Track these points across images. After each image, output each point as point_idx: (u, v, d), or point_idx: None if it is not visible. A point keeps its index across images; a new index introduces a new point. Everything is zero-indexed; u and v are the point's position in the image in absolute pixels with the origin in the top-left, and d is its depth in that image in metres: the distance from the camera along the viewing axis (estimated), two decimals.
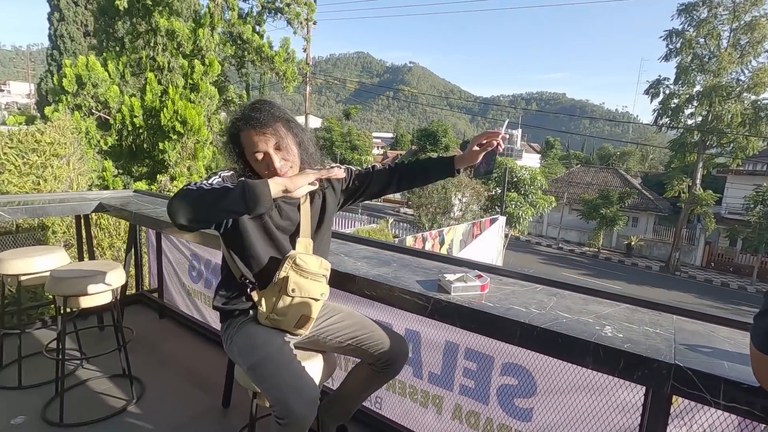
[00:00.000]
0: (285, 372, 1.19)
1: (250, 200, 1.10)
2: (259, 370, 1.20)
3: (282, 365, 1.21)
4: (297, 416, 1.12)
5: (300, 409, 1.13)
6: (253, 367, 1.22)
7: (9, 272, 2.29)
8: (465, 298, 1.36)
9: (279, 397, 1.14)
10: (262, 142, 1.26)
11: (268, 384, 1.18)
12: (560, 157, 54.42)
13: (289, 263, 1.30)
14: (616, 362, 1.05)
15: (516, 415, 1.71)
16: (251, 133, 1.26)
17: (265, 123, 1.26)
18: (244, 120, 1.28)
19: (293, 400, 1.13)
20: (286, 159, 1.29)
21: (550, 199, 16.64)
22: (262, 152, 1.26)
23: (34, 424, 2.06)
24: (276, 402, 1.14)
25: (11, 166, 3.64)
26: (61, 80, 4.92)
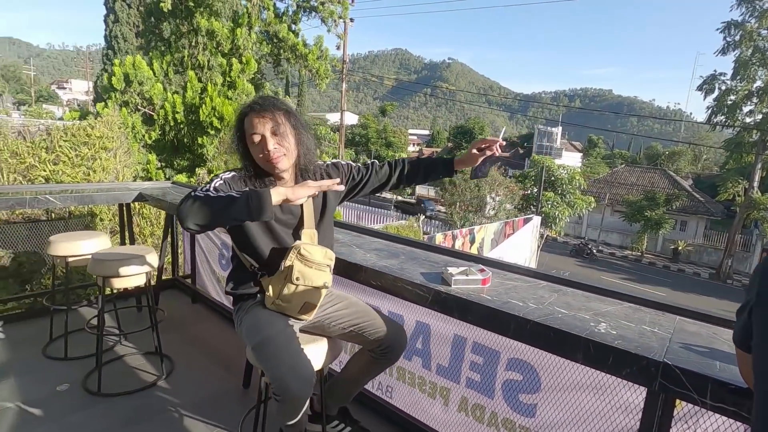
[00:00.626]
0: (284, 352, 1.26)
1: (254, 210, 1.16)
2: (261, 349, 1.29)
3: (281, 346, 1.28)
4: (292, 394, 1.20)
5: (295, 388, 1.20)
6: (256, 347, 1.31)
7: (58, 254, 2.52)
8: (465, 291, 1.39)
9: (277, 375, 1.22)
10: (260, 125, 1.34)
11: (269, 363, 1.26)
12: (604, 156, 52.17)
13: (294, 253, 1.37)
14: (606, 358, 1.06)
15: (520, 410, 1.72)
16: (252, 115, 1.35)
17: (266, 108, 1.35)
18: (249, 106, 1.38)
19: (289, 378, 1.21)
20: (280, 144, 1.36)
21: (589, 200, 16.03)
22: (259, 134, 1.34)
23: (76, 391, 2.27)
24: (274, 379, 1.23)
25: (65, 157, 3.96)
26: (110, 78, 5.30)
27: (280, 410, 1.27)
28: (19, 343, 2.73)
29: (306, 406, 1.32)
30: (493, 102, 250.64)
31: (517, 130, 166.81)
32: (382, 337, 1.43)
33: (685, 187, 26.44)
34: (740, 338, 0.77)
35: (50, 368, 2.49)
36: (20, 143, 3.76)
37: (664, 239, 23.82)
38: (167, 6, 5.55)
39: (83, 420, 2.05)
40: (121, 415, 2.10)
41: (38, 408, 2.12)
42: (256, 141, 1.35)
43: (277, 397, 1.22)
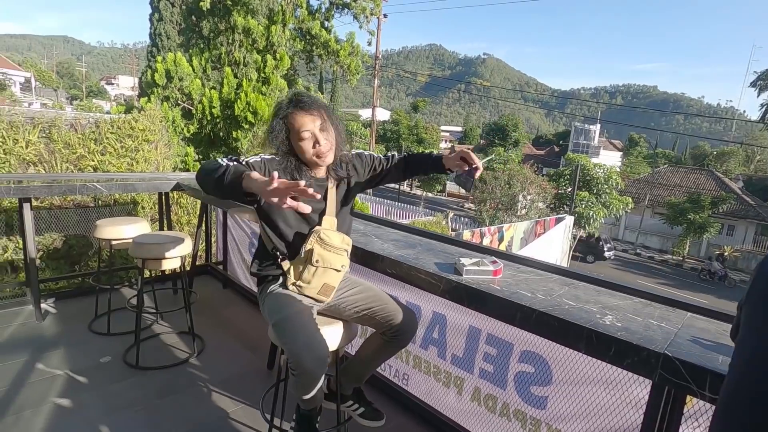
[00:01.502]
0: (301, 331, 1.35)
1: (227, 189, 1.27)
2: (280, 326, 1.38)
3: (299, 325, 1.37)
4: (307, 370, 1.29)
5: (309, 364, 1.29)
6: (275, 324, 1.41)
7: (103, 237, 2.73)
8: (475, 281, 1.43)
9: (293, 350, 1.31)
10: (309, 122, 1.41)
11: (286, 339, 1.35)
12: (645, 155, 49.91)
13: (314, 237, 1.47)
14: (607, 348, 1.08)
15: (531, 402, 1.74)
16: (300, 113, 1.41)
17: (312, 106, 1.43)
18: (294, 103, 1.43)
19: (304, 355, 1.29)
20: (327, 140, 1.44)
21: (627, 200, 15.42)
22: (309, 131, 1.41)
23: (117, 363, 2.47)
24: (291, 355, 1.32)
25: (111, 148, 4.23)
26: (153, 74, 5.61)
27: (296, 384, 1.36)
28: (69, 318, 2.98)
29: (322, 384, 1.41)
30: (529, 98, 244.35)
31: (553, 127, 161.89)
32: (394, 321, 1.50)
33: (734, 189, 24.96)
34: (734, 334, 0.79)
35: (95, 342, 2.71)
36: (72, 135, 4.06)
37: (709, 244, 22.61)
38: (206, 5, 5.81)
39: (122, 390, 2.23)
40: (155, 387, 2.27)
41: (84, 376, 2.32)
42: (305, 137, 1.41)
43: (293, 372, 1.31)
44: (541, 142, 49.91)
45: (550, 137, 55.00)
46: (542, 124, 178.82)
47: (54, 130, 3.96)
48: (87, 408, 2.07)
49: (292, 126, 1.43)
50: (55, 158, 3.98)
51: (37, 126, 3.88)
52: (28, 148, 3.84)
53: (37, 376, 2.30)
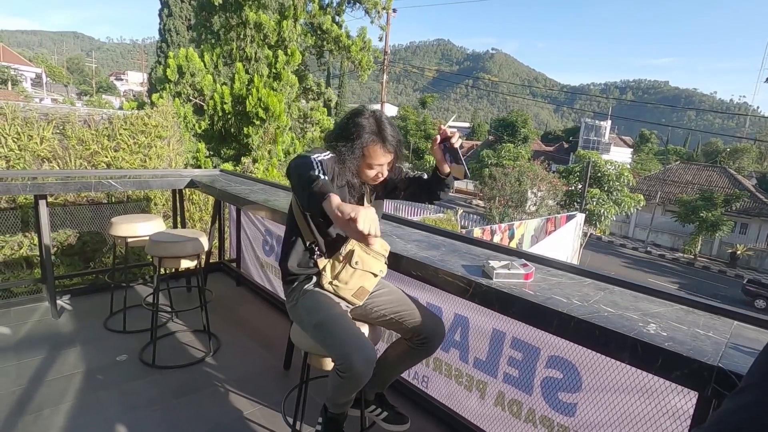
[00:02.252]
0: (349, 331, 1.34)
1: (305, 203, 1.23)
2: (325, 327, 1.36)
3: (346, 326, 1.36)
4: (357, 371, 1.27)
5: (360, 366, 1.27)
6: (319, 325, 1.37)
7: (119, 234, 2.71)
8: (506, 285, 1.38)
9: (343, 352, 1.29)
10: (384, 158, 1.42)
11: (334, 340, 1.33)
12: (656, 152, 49.30)
13: None
14: (654, 359, 1.02)
15: (559, 408, 1.69)
16: (381, 148, 1.39)
17: (393, 144, 1.41)
18: (379, 134, 1.38)
19: (355, 356, 1.27)
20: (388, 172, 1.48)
21: (638, 198, 15.20)
22: (381, 165, 1.42)
23: (133, 362, 2.45)
24: (340, 357, 1.29)
25: (125, 144, 4.22)
26: (165, 70, 5.59)
27: (342, 387, 1.33)
28: (84, 315, 2.98)
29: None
30: (538, 94, 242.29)
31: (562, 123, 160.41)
32: (421, 327, 1.45)
33: (748, 186, 24.55)
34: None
35: (111, 339, 2.70)
36: (86, 131, 4.05)
37: (721, 242, 22.28)
38: (218, 0, 5.77)
39: (139, 388, 2.21)
40: (173, 386, 2.25)
41: (101, 375, 2.31)
42: (375, 168, 1.42)
43: (342, 374, 1.28)
44: (549, 138, 49.47)
45: (559, 133, 54.48)
46: (551, 120, 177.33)
47: (68, 126, 3.95)
48: (105, 406, 2.05)
49: (367, 153, 1.39)
50: (69, 154, 3.97)
51: (51, 122, 3.87)
52: (43, 144, 3.83)
53: (54, 374, 2.29)
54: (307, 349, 1.54)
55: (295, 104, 6.74)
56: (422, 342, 1.46)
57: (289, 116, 6.41)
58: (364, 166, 1.42)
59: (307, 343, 1.53)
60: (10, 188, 2.60)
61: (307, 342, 1.53)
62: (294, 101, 6.69)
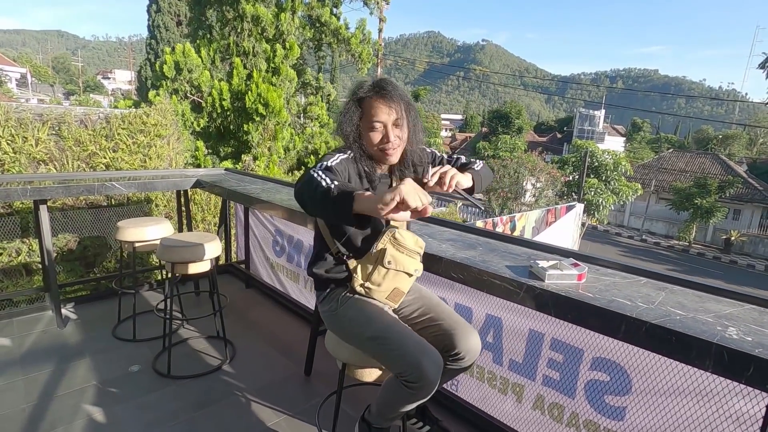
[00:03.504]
0: (411, 338, 1.25)
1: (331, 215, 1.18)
2: (383, 339, 1.26)
3: (407, 334, 1.27)
4: (429, 379, 1.19)
5: (432, 373, 1.20)
6: (375, 338, 1.28)
7: (126, 239, 2.59)
8: (561, 287, 1.29)
9: (411, 362, 1.20)
10: (385, 114, 1.29)
11: (398, 351, 1.23)
12: (649, 140, 49.53)
13: (388, 236, 1.33)
14: (745, 368, 0.94)
15: (606, 412, 1.62)
16: (378, 101, 1.30)
17: (393, 97, 1.30)
18: (375, 89, 1.31)
19: (425, 364, 1.19)
20: (398, 137, 1.33)
21: (636, 186, 15.24)
22: (381, 123, 1.30)
23: (147, 372, 2.34)
24: (408, 367, 1.20)
25: (123, 145, 4.08)
26: (161, 67, 5.41)
27: (409, 399, 1.25)
28: (91, 324, 2.86)
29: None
30: (530, 84, 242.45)
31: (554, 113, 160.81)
32: (453, 339, 1.35)
33: (740, 173, 24.74)
34: None
35: (121, 349, 2.58)
36: (83, 131, 3.89)
37: (715, 229, 22.48)
38: None
39: (156, 401, 2.11)
40: (191, 397, 2.14)
41: (115, 388, 2.20)
42: (376, 128, 1.31)
43: (412, 385, 1.20)
44: (543, 129, 49.53)
45: (551, 124, 54.56)
46: (543, 111, 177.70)
47: (64, 127, 3.80)
48: (123, 422, 1.95)
49: (366, 112, 1.31)
50: (66, 156, 3.82)
51: (47, 123, 3.72)
52: (38, 146, 3.68)
53: (65, 389, 2.18)
54: (345, 359, 1.44)
55: (293, 99, 6.60)
56: (456, 358, 1.35)
57: (289, 112, 6.26)
58: (366, 128, 1.30)
59: (345, 354, 1.44)
60: (9, 194, 2.46)
61: (345, 352, 1.44)
62: (293, 96, 6.54)
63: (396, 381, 1.26)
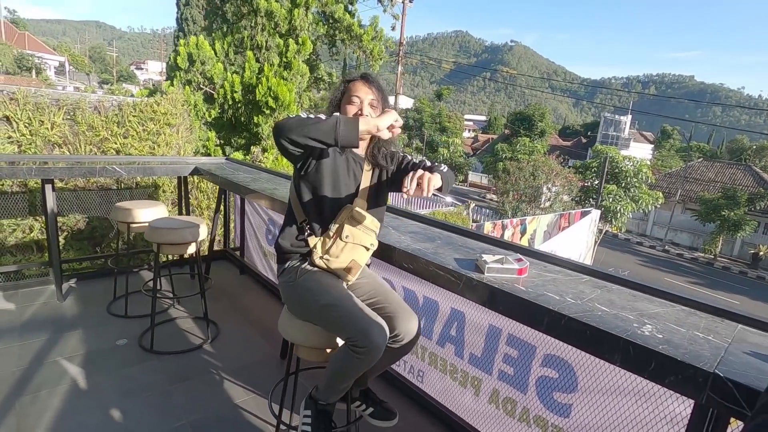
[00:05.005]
0: (359, 310, 1.36)
1: (341, 133, 1.30)
2: (336, 307, 1.36)
3: (358, 304, 1.38)
4: (376, 345, 1.28)
5: (379, 339, 1.29)
6: (328, 306, 1.38)
7: (122, 219, 2.73)
8: (498, 280, 1.32)
9: (360, 328, 1.30)
10: (363, 92, 1.49)
11: (348, 318, 1.33)
12: (678, 148, 47.92)
13: (346, 213, 1.47)
14: (647, 363, 0.96)
15: (554, 409, 1.64)
16: (360, 82, 1.51)
17: (373, 82, 1.52)
18: (361, 75, 1.54)
19: (373, 330, 1.29)
20: (371, 115, 1.48)
21: (657, 195, 14.79)
22: (358, 97, 1.48)
23: (133, 347, 2.47)
24: (356, 333, 1.30)
25: (134, 131, 4.25)
26: (176, 58, 5.61)
27: (355, 366, 1.34)
28: (88, 299, 3.02)
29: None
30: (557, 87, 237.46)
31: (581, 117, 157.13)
32: (395, 321, 1.41)
33: None
34: None
35: (112, 324, 2.73)
36: (96, 117, 4.08)
37: (743, 242, 21.62)
38: None
39: (137, 374, 2.23)
40: (169, 372, 2.26)
41: (100, 358, 2.34)
42: (353, 102, 1.49)
43: (358, 350, 1.29)
44: (568, 133, 48.53)
45: (577, 128, 53.39)
46: (570, 114, 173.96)
47: (78, 113, 3.99)
48: (101, 390, 2.07)
49: (348, 90, 1.51)
50: (79, 140, 4.01)
51: (62, 108, 3.91)
52: (53, 129, 3.88)
53: (55, 356, 2.32)
54: (294, 339, 1.51)
55: (306, 94, 6.71)
56: (394, 339, 1.41)
57: (300, 106, 6.38)
58: (346, 102, 1.50)
59: (294, 333, 1.51)
60: (16, 172, 2.63)
61: (295, 332, 1.51)
62: (305, 91, 6.66)
63: (344, 349, 1.34)
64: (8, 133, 3.72)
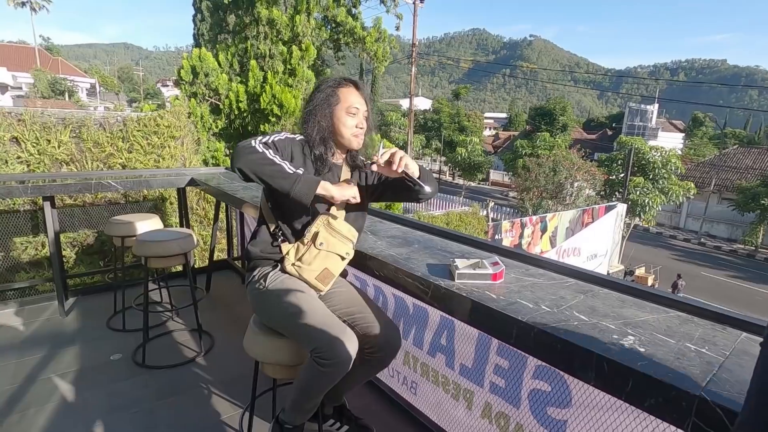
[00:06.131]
0: (331, 319, 1.28)
1: (297, 193, 1.27)
2: (304, 313, 1.28)
3: (327, 313, 1.30)
4: (342, 357, 1.21)
5: (345, 352, 1.21)
6: (296, 313, 1.29)
7: (114, 234, 2.73)
8: (468, 287, 1.20)
9: (326, 338, 1.22)
10: (362, 103, 1.44)
11: (315, 327, 1.25)
12: (711, 136, 45.75)
13: (322, 220, 1.39)
14: (624, 383, 0.82)
15: (548, 425, 1.49)
16: (357, 92, 1.44)
17: (366, 94, 1.48)
18: (353, 83, 1.47)
19: (340, 341, 1.22)
20: (365, 128, 1.46)
21: (688, 185, 14.06)
22: (359, 109, 1.43)
23: (126, 362, 2.45)
24: (323, 342, 1.22)
25: (138, 146, 4.30)
26: (179, 71, 5.69)
27: (320, 380, 1.25)
28: (90, 314, 3.04)
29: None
30: (580, 80, 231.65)
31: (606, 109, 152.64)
32: (372, 333, 1.31)
33: None
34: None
35: (109, 338, 2.72)
36: (101, 134, 4.15)
37: None
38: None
39: (126, 389, 2.20)
40: (158, 387, 2.22)
41: (92, 374, 2.32)
42: (353, 113, 1.42)
43: (323, 362, 1.21)
44: (592, 126, 47.13)
45: (602, 120, 51.79)
46: (594, 107, 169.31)
47: (84, 130, 4.07)
48: (88, 407, 2.04)
49: (344, 98, 1.42)
50: (86, 157, 4.09)
51: (68, 126, 4.00)
52: (60, 148, 3.97)
53: (49, 373, 2.32)
54: (258, 356, 1.43)
55: None
56: (371, 351, 1.31)
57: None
58: (344, 112, 1.41)
59: (258, 350, 1.42)
60: (11, 191, 2.66)
61: (258, 348, 1.42)
62: None
63: (310, 363, 1.26)
64: (17, 153, 3.82)
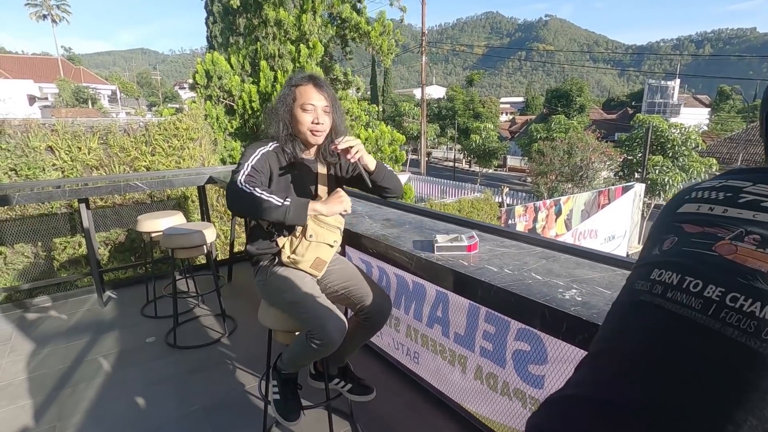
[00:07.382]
0: (323, 304, 1.45)
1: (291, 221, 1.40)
2: (302, 302, 1.47)
3: (319, 301, 1.47)
4: (332, 339, 1.39)
5: (334, 334, 1.39)
6: (294, 303, 1.49)
7: (143, 230, 3.00)
8: (445, 257, 1.38)
9: (318, 324, 1.40)
10: (317, 99, 1.50)
11: (308, 314, 1.44)
12: (740, 109, 43.95)
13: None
14: (560, 325, 1.00)
15: (529, 381, 1.67)
16: (311, 87, 1.51)
17: (324, 88, 1.53)
18: (309, 78, 1.53)
19: (330, 326, 1.39)
20: (325, 123, 1.52)
21: (709, 162, 13.71)
22: (313, 106, 1.50)
23: (160, 343, 2.73)
24: (316, 327, 1.41)
25: (160, 149, 4.60)
26: (194, 75, 5.98)
27: (312, 353, 1.45)
28: (125, 304, 3.34)
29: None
30: (599, 59, 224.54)
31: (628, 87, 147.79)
32: (365, 302, 1.50)
33: None
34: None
35: (144, 324, 3.01)
36: (126, 139, 4.46)
37: None
38: (236, 3, 6.02)
39: (161, 366, 2.47)
40: (188, 364, 2.48)
41: (131, 355, 2.61)
42: (308, 110, 1.50)
43: (317, 342, 1.40)
44: (612, 105, 45.95)
45: (623, 99, 50.39)
46: (615, 85, 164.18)
47: (110, 136, 4.37)
48: (129, 382, 2.32)
49: (300, 96, 1.50)
50: (113, 161, 4.40)
51: (96, 134, 4.31)
52: (90, 154, 4.29)
53: (93, 355, 2.62)
54: (270, 325, 1.65)
55: None
56: (366, 316, 1.50)
57: None
58: (299, 110, 1.48)
59: (270, 321, 1.64)
60: (51, 195, 2.96)
61: (270, 319, 1.64)
62: None
63: (305, 337, 1.45)
64: (53, 161, 4.16)
